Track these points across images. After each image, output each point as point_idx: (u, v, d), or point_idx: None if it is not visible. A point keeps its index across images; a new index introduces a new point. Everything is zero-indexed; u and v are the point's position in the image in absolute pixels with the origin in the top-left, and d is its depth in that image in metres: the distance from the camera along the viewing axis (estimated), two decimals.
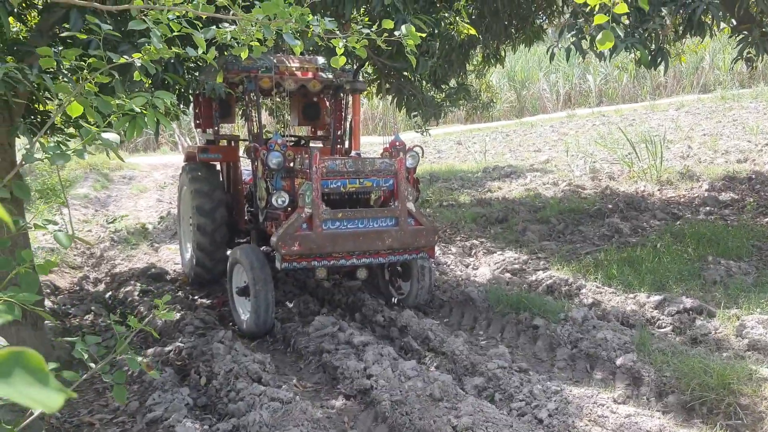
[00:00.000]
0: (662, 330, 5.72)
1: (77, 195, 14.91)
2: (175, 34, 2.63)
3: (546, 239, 9.14)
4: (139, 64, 2.68)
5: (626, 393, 4.62)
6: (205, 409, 4.79)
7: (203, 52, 2.78)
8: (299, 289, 7.76)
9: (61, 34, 3.98)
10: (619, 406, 4.28)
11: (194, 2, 2.52)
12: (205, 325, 6.48)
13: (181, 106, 7.87)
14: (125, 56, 2.57)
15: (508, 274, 7.70)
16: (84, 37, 3.02)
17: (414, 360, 5.25)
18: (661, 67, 6.64)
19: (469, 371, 5.11)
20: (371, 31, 2.95)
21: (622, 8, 2.51)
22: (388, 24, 2.98)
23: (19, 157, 2.81)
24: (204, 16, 2.61)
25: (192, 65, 6.86)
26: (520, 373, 4.95)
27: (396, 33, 3.04)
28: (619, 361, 4.98)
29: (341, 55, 3.06)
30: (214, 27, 2.87)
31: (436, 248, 8.31)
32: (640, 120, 18.76)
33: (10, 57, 3.05)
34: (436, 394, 4.43)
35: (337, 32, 2.85)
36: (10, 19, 5.08)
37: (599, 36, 2.57)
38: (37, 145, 2.70)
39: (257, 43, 2.73)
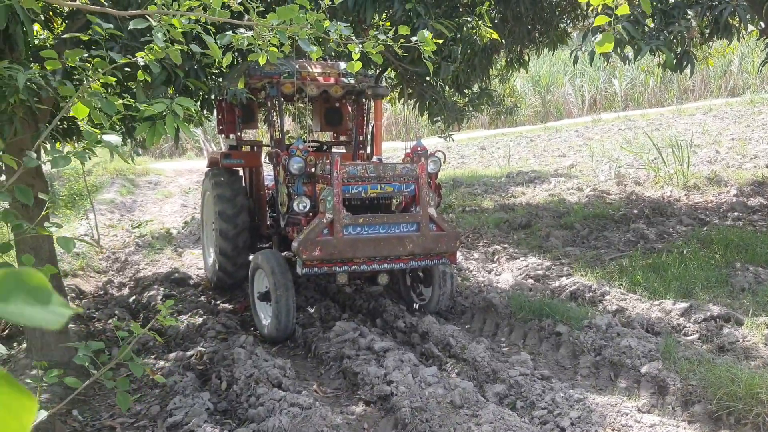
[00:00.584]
0: (688, 338, 5.61)
1: (103, 200, 15.09)
2: (186, 30, 2.63)
3: (570, 245, 9.04)
4: (142, 64, 2.68)
5: (651, 402, 4.54)
6: (225, 414, 4.80)
7: (219, 59, 2.78)
8: (321, 294, 7.76)
9: (65, 35, 4.02)
10: (644, 415, 4.20)
11: (210, 8, 2.53)
12: (226, 330, 6.51)
13: (205, 111, 7.94)
14: (128, 56, 2.58)
15: (531, 280, 7.62)
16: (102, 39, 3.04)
17: (435, 366, 5.21)
18: (687, 71, 6.54)
19: (491, 378, 5.06)
20: (388, 37, 2.94)
21: (624, 10, 2.45)
22: (405, 30, 2.96)
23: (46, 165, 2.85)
24: (220, 22, 2.61)
25: (215, 71, 6.92)
26: (542, 381, 4.89)
27: (413, 39, 3.02)
28: (643, 369, 4.90)
29: (357, 60, 3.05)
30: (230, 32, 2.87)
31: (458, 254, 8.27)
32: (666, 124, 18.53)
33: (35, 64, 3.08)
34: (457, 401, 4.38)
35: (353, 38, 2.84)
36: (37, 26, 5.16)
37: (598, 38, 2.51)
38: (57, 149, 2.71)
39: (274, 49, 2.73)
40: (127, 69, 2.81)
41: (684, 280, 6.86)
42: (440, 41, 3.36)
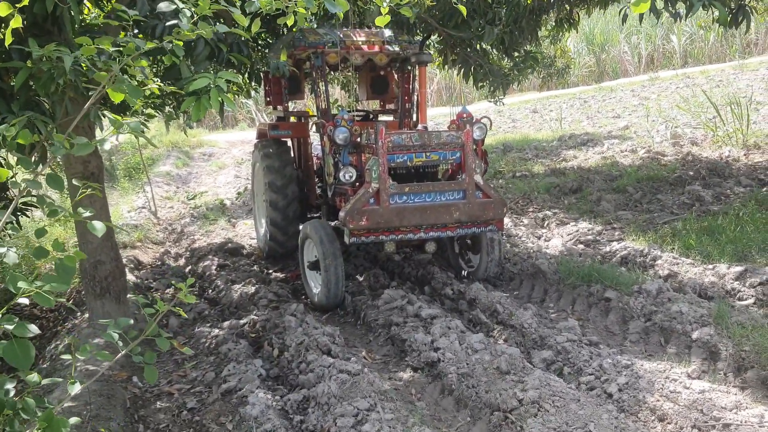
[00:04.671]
0: (743, 303, 5.48)
1: (159, 173, 15.49)
2: (212, 9, 2.66)
3: (622, 209, 8.87)
4: (169, 47, 2.73)
5: (701, 368, 4.47)
6: (277, 380, 4.95)
7: (244, 28, 2.79)
8: (370, 262, 7.84)
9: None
10: (693, 382, 4.15)
11: None
12: (278, 299, 6.66)
13: (253, 83, 8.03)
14: (155, 41, 2.63)
15: (581, 246, 7.53)
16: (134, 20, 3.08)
17: (482, 333, 5.24)
18: (743, 26, 6.27)
19: (538, 344, 5.07)
20: None
21: None
22: None
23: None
24: None
25: (260, 43, 6.97)
26: (590, 347, 4.87)
27: None
28: (695, 335, 4.82)
29: (386, 14, 3.03)
30: None
31: (507, 220, 8.22)
32: (727, 81, 17.82)
33: (78, 40, 3.18)
34: (503, 367, 4.41)
35: None
36: (89, 4, 5.28)
37: None
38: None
39: (303, 10, 2.73)
40: (167, 47, 2.86)
41: (740, 243, 6.68)
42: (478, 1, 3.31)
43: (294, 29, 5.77)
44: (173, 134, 18.37)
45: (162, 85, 2.99)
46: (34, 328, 2.23)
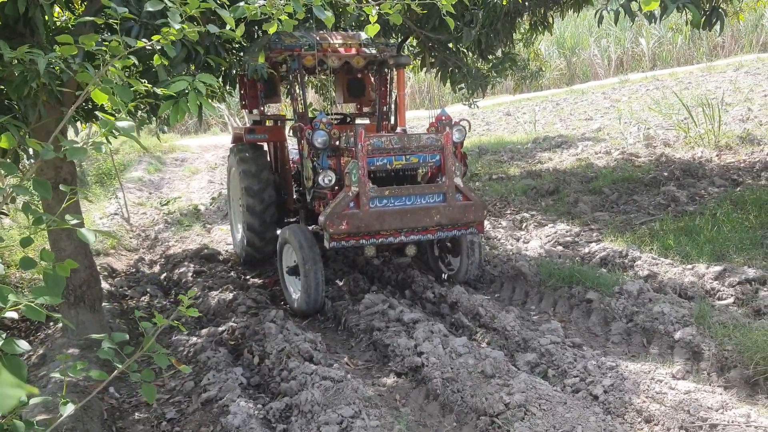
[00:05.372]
0: (723, 302, 5.52)
1: (132, 178, 15.24)
2: (200, 9, 2.59)
3: (599, 210, 8.93)
4: (159, 47, 2.65)
5: (685, 368, 4.49)
6: (258, 388, 4.85)
7: (231, 29, 2.73)
8: (349, 267, 7.78)
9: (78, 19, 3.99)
10: (678, 382, 4.15)
11: None
12: (257, 305, 6.56)
13: (227, 87, 7.92)
14: (144, 40, 2.55)
15: (560, 247, 7.55)
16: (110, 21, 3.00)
17: (465, 336, 5.21)
18: (717, 27, 6.34)
19: (521, 347, 5.04)
20: None
21: None
22: None
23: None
24: None
25: (236, 46, 6.88)
26: (573, 349, 4.86)
27: None
28: (677, 335, 4.84)
29: (375, 23, 2.99)
30: (242, 3, 2.82)
31: (486, 223, 8.20)
32: (696, 83, 18.09)
33: (59, 46, 3.09)
34: (488, 370, 4.38)
35: (370, 0, 2.78)
36: (58, 8, 5.15)
37: None
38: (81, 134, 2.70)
39: (287, 17, 2.68)
40: (148, 48, 2.78)
41: (717, 243, 6.74)
42: (456, 2, 3.27)
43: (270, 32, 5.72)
44: (145, 139, 18.13)
45: (148, 86, 2.89)
46: (24, 345, 2.11)
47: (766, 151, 10.15)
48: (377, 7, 2.86)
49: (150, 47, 2.68)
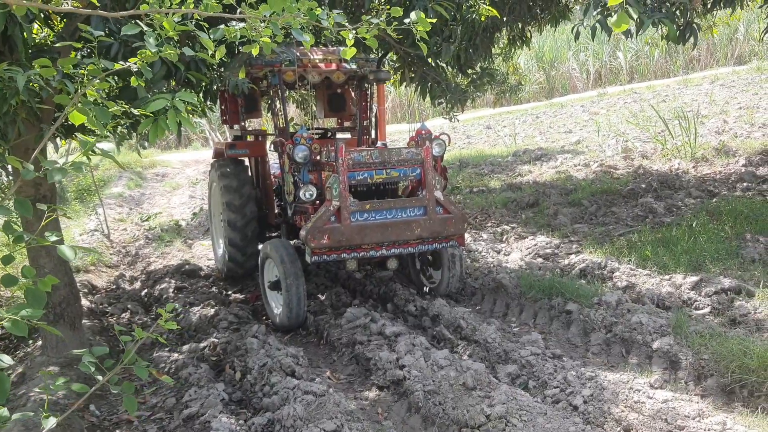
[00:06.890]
0: (699, 312, 5.61)
1: (112, 194, 15.15)
2: (180, 31, 2.62)
3: (578, 222, 9.02)
4: (135, 69, 2.68)
5: (663, 377, 4.55)
6: (240, 403, 4.84)
7: (211, 54, 2.77)
8: (331, 281, 7.79)
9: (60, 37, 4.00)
10: (656, 391, 4.21)
11: (202, 3, 2.52)
12: (239, 320, 6.55)
13: (208, 102, 7.93)
14: (121, 62, 2.57)
15: (540, 259, 7.62)
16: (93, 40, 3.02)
17: (446, 349, 5.23)
18: (691, 42, 6.47)
19: (502, 359, 5.08)
20: (380, 20, 2.93)
21: None
22: (397, 12, 2.95)
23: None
24: (213, 15, 2.60)
25: (216, 62, 6.90)
26: (553, 360, 4.90)
27: (405, 21, 3.02)
28: (655, 345, 4.90)
29: (352, 46, 3.04)
30: (222, 26, 2.86)
31: (467, 235, 8.27)
32: (673, 96, 18.36)
33: (39, 61, 3.09)
34: (469, 383, 4.40)
35: (347, 25, 2.83)
36: (37, 24, 5.15)
37: (614, 18, 2.50)
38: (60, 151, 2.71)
39: (268, 40, 2.72)
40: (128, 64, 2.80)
41: (694, 254, 6.84)
42: (435, 21, 3.34)
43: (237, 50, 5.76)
44: (125, 155, 18.02)
45: (125, 107, 2.91)
46: (7, 359, 2.11)
47: (741, 162, 10.33)
48: (354, 32, 2.91)
49: (128, 68, 2.70)
